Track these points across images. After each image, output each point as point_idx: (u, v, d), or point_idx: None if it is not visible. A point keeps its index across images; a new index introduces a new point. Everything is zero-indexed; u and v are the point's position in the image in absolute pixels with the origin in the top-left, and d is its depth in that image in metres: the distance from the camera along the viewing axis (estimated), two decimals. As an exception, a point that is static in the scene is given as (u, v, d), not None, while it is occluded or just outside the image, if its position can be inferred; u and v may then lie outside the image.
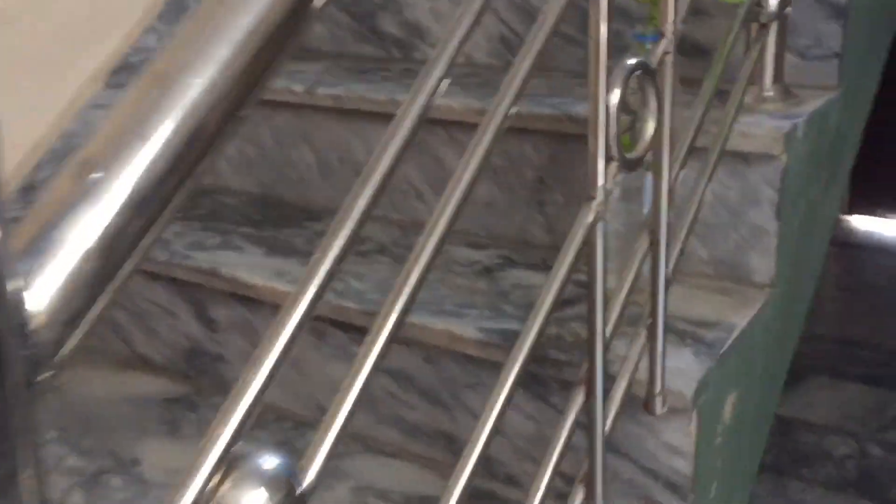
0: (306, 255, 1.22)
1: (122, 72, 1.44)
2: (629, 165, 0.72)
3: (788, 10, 1.07)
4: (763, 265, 1.07)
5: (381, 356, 0.56)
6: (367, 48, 1.58)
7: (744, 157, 1.04)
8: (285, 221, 1.36)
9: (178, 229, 1.33)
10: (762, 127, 1.02)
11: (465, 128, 1.23)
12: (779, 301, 1.10)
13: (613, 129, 0.69)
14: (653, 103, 0.74)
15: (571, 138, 1.15)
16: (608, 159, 0.70)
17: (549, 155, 1.20)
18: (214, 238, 1.30)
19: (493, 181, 1.24)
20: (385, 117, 1.31)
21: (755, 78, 1.13)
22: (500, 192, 1.24)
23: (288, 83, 1.36)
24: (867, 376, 2.55)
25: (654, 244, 0.81)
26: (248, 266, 1.19)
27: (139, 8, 1.46)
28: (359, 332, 1.09)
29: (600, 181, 0.69)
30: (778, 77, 1.13)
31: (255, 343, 1.28)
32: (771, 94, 1.12)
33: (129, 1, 1.44)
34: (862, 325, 2.82)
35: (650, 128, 0.74)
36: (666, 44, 0.75)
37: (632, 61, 0.70)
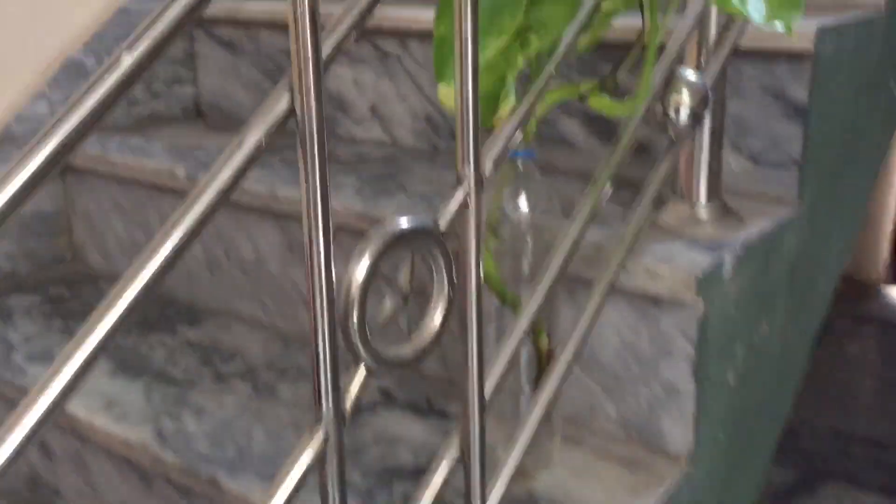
0: (157, 375, 1.04)
1: (3, 144, 1.29)
2: (393, 366, 0.52)
3: (707, 119, 0.86)
4: (678, 432, 0.85)
5: None
6: (290, 120, 1.41)
7: (652, 300, 0.83)
8: (161, 324, 1.18)
9: (30, 330, 1.16)
10: (672, 263, 0.81)
11: (352, 233, 1.04)
12: (703, 479, 0.88)
13: (357, 321, 0.49)
14: (443, 282, 0.54)
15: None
16: (355, 360, 0.51)
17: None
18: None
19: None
20: (266, 213, 1.15)
21: (685, 192, 0.91)
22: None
23: (172, 165, 1.20)
24: (893, 488, 2.26)
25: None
26: (83, 391, 1.01)
27: (25, 69, 1.31)
28: (184, 494, 0.91)
29: (325, 408, 0.49)
30: (713, 191, 0.91)
31: (90, 480, 1.12)
32: (703, 213, 0.91)
33: (16, 58, 1.29)
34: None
35: (436, 318, 0.53)
36: (464, 192, 0.54)
37: (398, 226, 0.51)
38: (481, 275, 0.56)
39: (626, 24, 0.76)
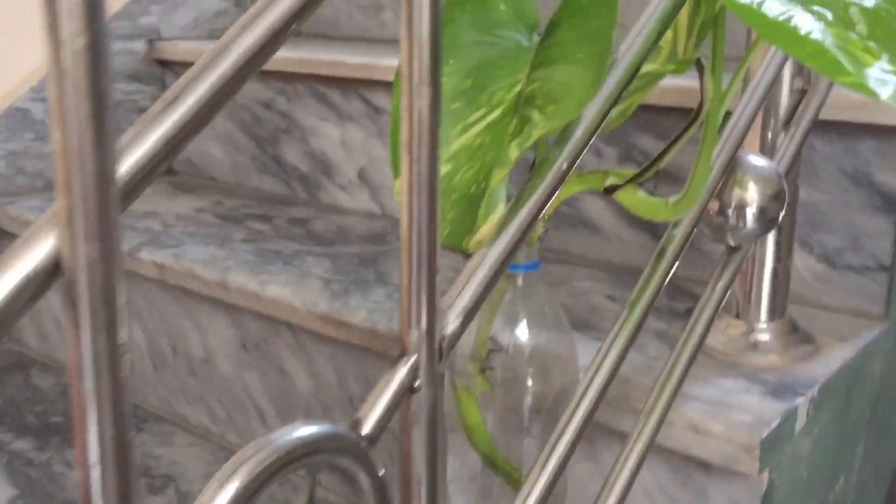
0: (67, 506, 0.83)
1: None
2: None
3: (781, 218, 0.65)
4: None
5: None
6: (268, 181, 1.21)
7: (699, 464, 0.61)
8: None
9: (-71, 438, 0.96)
10: (725, 416, 0.59)
11: (321, 341, 0.83)
12: None
13: None
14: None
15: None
16: None
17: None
18: (-35, 460, 0.92)
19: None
20: (217, 304, 0.94)
21: (740, 308, 0.70)
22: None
23: (113, 239, 1.00)
24: None
25: None
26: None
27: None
28: None
29: None
30: (778, 307, 0.69)
31: None
32: (765, 336, 0.69)
33: None
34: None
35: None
36: (408, 377, 0.33)
37: (291, 439, 0.30)
38: None
39: (668, 82, 0.55)
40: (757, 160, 0.55)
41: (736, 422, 0.58)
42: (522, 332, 0.56)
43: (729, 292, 0.68)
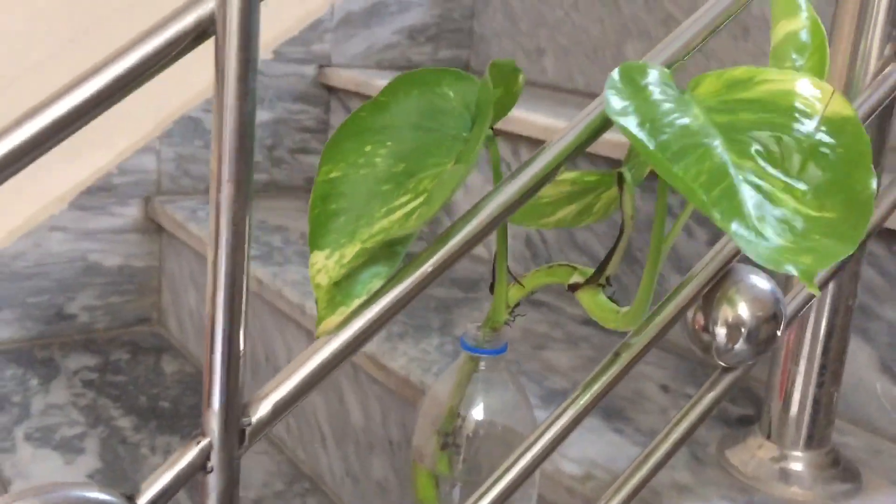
0: None
1: (99, 193, 1.25)
2: None
3: (810, 324, 0.59)
4: None
5: None
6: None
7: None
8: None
9: (43, 404, 1.08)
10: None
11: (372, 381, 0.86)
12: None
13: None
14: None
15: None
16: None
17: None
18: None
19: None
20: (297, 323, 0.98)
21: (773, 429, 0.64)
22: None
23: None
24: None
25: None
26: None
27: (139, 122, 1.26)
28: None
29: None
30: (815, 438, 0.62)
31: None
32: (797, 465, 0.62)
33: (131, 111, 1.24)
34: None
35: None
36: (200, 456, 0.34)
37: None
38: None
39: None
40: (753, 278, 0.50)
41: (708, 555, 0.54)
42: (485, 412, 0.55)
43: (771, 411, 0.63)
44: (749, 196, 0.35)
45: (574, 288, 0.49)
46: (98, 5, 1.21)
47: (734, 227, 0.34)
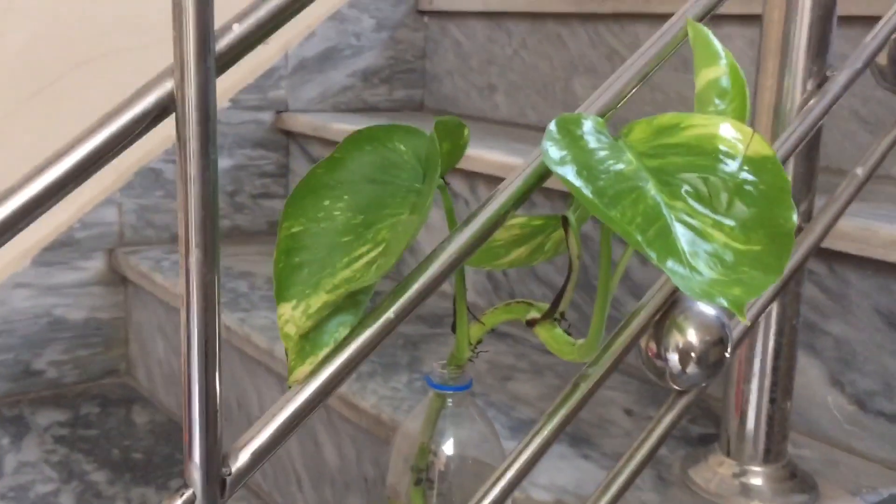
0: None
1: (61, 248, 1.25)
2: None
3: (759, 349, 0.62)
4: None
5: None
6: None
7: None
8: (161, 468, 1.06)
9: (25, 457, 1.08)
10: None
11: (345, 420, 0.87)
12: None
13: None
14: None
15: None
16: None
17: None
18: None
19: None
20: (268, 368, 0.98)
21: (731, 446, 0.66)
22: None
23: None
24: None
25: None
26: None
27: (101, 176, 1.27)
28: None
29: None
30: (772, 452, 0.65)
31: None
32: (757, 480, 0.65)
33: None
34: None
35: None
36: (187, 500, 0.36)
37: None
38: None
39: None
40: (699, 305, 0.53)
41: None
42: (455, 446, 0.57)
43: (729, 429, 0.66)
44: (682, 234, 0.38)
45: (531, 324, 0.52)
46: (59, 60, 1.22)
47: (669, 264, 0.37)
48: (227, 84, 1.35)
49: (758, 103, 0.62)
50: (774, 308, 0.64)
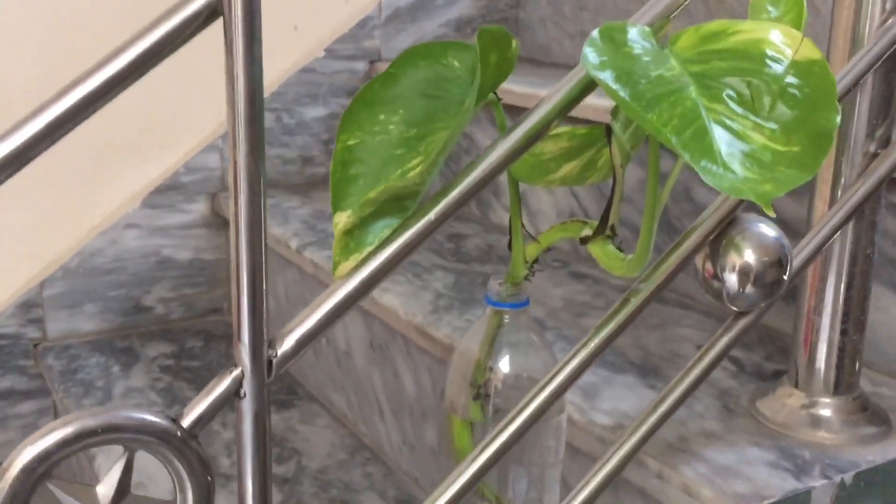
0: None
1: (169, 192, 1.32)
2: None
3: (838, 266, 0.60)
4: None
5: None
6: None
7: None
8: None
9: (127, 385, 1.16)
10: (723, 485, 0.56)
11: (422, 351, 0.90)
12: None
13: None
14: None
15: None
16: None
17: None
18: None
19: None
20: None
21: (799, 376, 0.65)
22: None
23: (290, 235, 1.14)
24: None
25: None
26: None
27: (204, 122, 1.33)
28: None
29: None
30: (842, 384, 0.64)
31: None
32: (826, 411, 0.64)
33: (196, 112, 1.32)
34: None
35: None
36: (233, 383, 0.39)
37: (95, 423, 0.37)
38: None
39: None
40: (758, 225, 0.52)
41: (728, 491, 0.56)
42: (511, 363, 0.59)
43: (798, 361, 0.65)
44: (720, 136, 0.38)
45: (585, 241, 0.52)
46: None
47: (703, 163, 0.37)
48: (322, 34, 1.39)
49: (835, 24, 0.60)
50: (849, 237, 0.62)
